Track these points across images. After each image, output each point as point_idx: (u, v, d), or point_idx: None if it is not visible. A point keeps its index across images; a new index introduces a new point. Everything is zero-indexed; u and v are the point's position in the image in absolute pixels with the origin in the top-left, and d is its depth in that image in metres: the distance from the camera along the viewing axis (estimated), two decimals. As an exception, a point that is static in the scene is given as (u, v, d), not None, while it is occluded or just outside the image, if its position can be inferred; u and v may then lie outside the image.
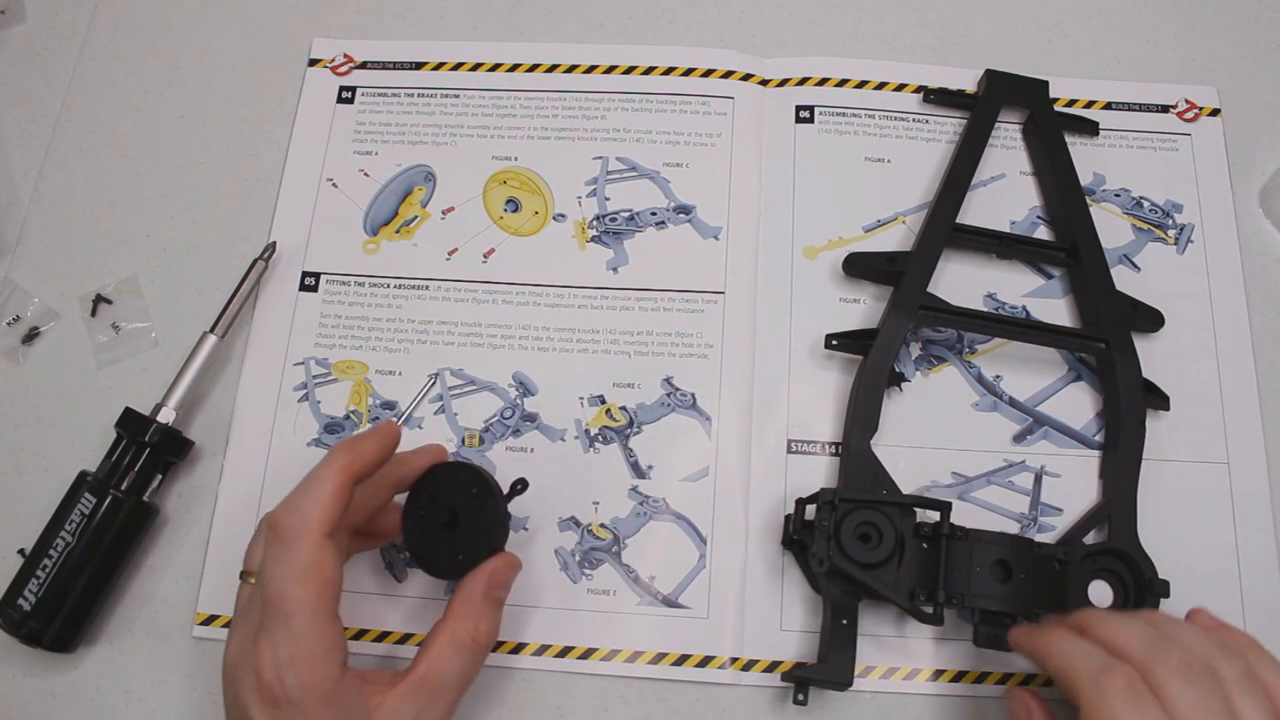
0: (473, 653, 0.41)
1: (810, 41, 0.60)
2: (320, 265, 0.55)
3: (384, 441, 0.41)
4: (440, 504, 0.43)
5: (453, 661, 0.40)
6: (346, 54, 0.60)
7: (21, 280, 0.55)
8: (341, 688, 0.38)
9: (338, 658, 0.38)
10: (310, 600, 0.37)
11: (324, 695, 0.37)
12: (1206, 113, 0.58)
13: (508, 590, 0.43)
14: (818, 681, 0.45)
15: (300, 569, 0.38)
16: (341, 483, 0.39)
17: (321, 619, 0.38)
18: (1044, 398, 0.52)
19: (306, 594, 0.37)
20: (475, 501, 0.43)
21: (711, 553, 0.49)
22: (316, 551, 0.38)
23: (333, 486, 0.39)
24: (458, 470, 0.44)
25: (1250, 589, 0.49)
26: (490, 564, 0.42)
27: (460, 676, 0.40)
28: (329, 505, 0.39)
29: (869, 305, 0.53)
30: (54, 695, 0.48)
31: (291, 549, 0.38)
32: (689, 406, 0.52)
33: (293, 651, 0.37)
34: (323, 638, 0.37)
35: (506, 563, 0.43)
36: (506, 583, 0.43)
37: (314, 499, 0.39)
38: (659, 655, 0.48)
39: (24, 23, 0.62)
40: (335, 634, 0.38)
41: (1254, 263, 0.55)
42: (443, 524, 0.43)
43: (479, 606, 0.41)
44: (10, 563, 0.48)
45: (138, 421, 0.49)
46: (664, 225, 0.55)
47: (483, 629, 0.41)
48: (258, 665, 0.37)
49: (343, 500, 0.39)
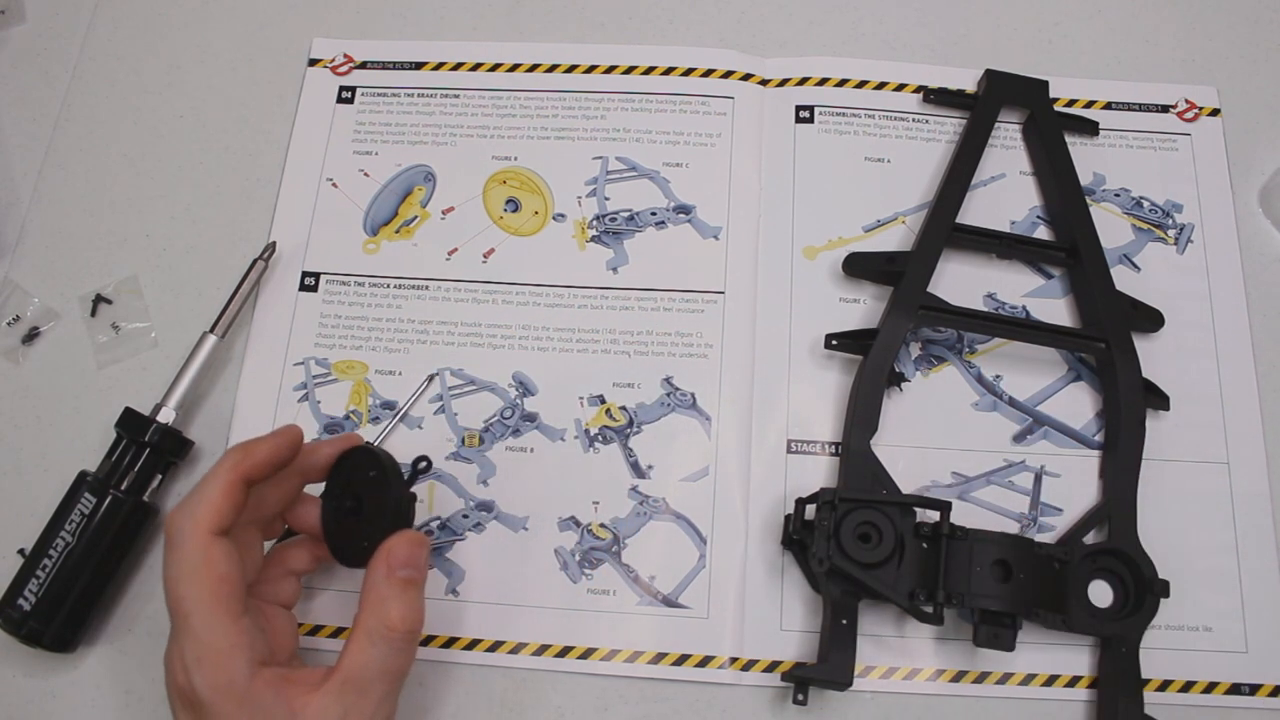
0: (389, 640, 0.38)
1: (810, 41, 0.60)
2: (320, 265, 0.55)
3: (279, 442, 0.41)
4: (347, 492, 0.43)
5: (370, 653, 0.38)
6: (346, 54, 0.60)
7: (21, 280, 0.55)
8: (255, 687, 0.37)
9: (244, 656, 0.37)
10: (205, 598, 0.37)
11: (234, 696, 0.37)
12: (1206, 113, 0.58)
13: (417, 569, 0.40)
14: (818, 681, 0.45)
15: (190, 567, 0.38)
16: (230, 481, 0.39)
17: (220, 616, 0.37)
18: (1044, 398, 0.52)
19: (200, 593, 0.37)
20: (375, 485, 0.42)
21: (711, 553, 0.49)
22: (204, 550, 0.38)
23: (221, 485, 0.39)
24: (361, 455, 0.43)
25: (1250, 589, 0.49)
26: (387, 544, 0.40)
27: (383, 667, 0.38)
28: (217, 504, 0.39)
29: (869, 305, 0.53)
30: (54, 695, 0.48)
31: (179, 549, 0.38)
32: (689, 406, 0.52)
33: (197, 652, 0.37)
34: (224, 635, 0.37)
35: (406, 539, 0.40)
36: (411, 561, 0.40)
37: (201, 498, 0.39)
38: (659, 655, 0.48)
39: (24, 23, 0.62)
40: (238, 631, 0.38)
41: (1254, 263, 0.55)
42: (349, 511, 0.43)
43: (384, 590, 0.39)
44: (10, 563, 0.48)
45: (138, 421, 0.49)
46: (664, 225, 0.55)
47: (393, 614, 0.38)
48: (172, 668, 0.38)
49: (232, 499, 0.39)
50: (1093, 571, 0.47)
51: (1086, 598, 0.47)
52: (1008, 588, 0.44)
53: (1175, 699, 0.47)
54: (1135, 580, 0.47)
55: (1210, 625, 0.48)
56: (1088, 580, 0.47)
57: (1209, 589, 0.49)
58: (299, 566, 0.45)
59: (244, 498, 0.40)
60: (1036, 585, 0.45)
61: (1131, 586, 0.47)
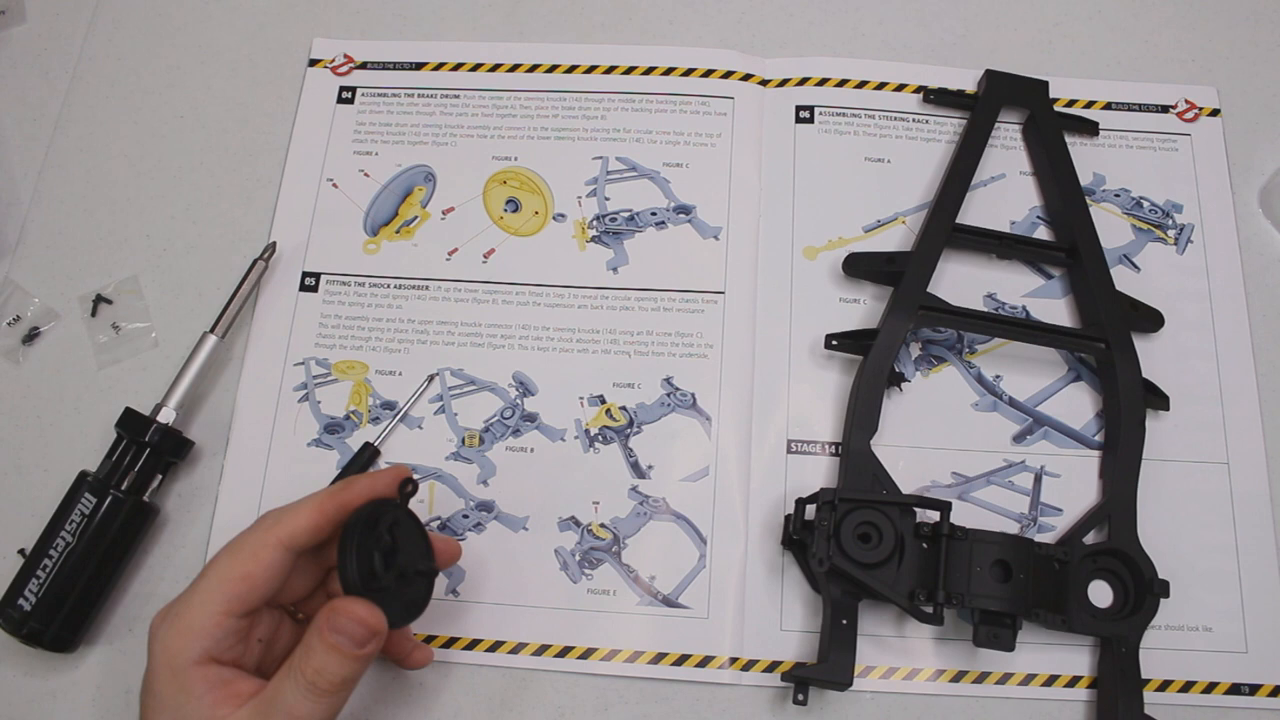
0: (297, 684, 0.37)
1: (810, 42, 0.60)
2: (320, 265, 0.55)
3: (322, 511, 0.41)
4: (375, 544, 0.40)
5: (285, 686, 0.37)
6: (346, 54, 0.60)
7: (21, 280, 0.55)
8: (192, 674, 0.37)
9: (203, 644, 0.38)
10: (222, 580, 0.39)
11: (172, 668, 0.37)
12: (1206, 113, 0.58)
13: (353, 642, 0.37)
14: (818, 681, 0.45)
15: (237, 549, 0.39)
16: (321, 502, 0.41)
17: (217, 600, 0.38)
18: (1044, 398, 0.52)
19: (226, 573, 0.39)
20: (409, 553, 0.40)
21: (711, 553, 0.49)
22: (259, 552, 0.39)
23: (312, 506, 0.40)
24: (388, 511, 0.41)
25: (1250, 589, 0.49)
26: (342, 604, 0.37)
27: (291, 705, 0.37)
28: (304, 524, 0.40)
29: (869, 305, 0.53)
30: (54, 695, 0.48)
31: (254, 533, 0.40)
32: (689, 406, 0.52)
33: (179, 610, 0.38)
34: (207, 617, 0.38)
35: (361, 613, 0.37)
36: (347, 632, 0.37)
37: (294, 513, 0.40)
38: (659, 655, 0.48)
39: (24, 23, 0.62)
40: (217, 623, 0.38)
41: (1254, 263, 0.55)
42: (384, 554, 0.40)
43: (313, 640, 0.37)
44: (10, 563, 0.48)
45: (138, 421, 0.49)
46: (664, 225, 0.55)
47: (310, 664, 0.37)
48: (164, 609, 0.40)
49: (319, 520, 0.40)
50: (1092, 572, 0.47)
51: (1086, 598, 0.47)
52: (1008, 588, 0.44)
53: (1175, 699, 0.47)
54: (1135, 580, 0.47)
55: (1210, 625, 0.48)
56: (1088, 580, 0.47)
57: (1209, 589, 0.49)
58: None
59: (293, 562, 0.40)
60: (1036, 585, 0.45)
61: (1131, 587, 0.47)
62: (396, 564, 0.39)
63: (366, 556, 0.38)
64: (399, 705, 0.47)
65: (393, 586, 0.39)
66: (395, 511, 0.40)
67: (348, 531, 0.38)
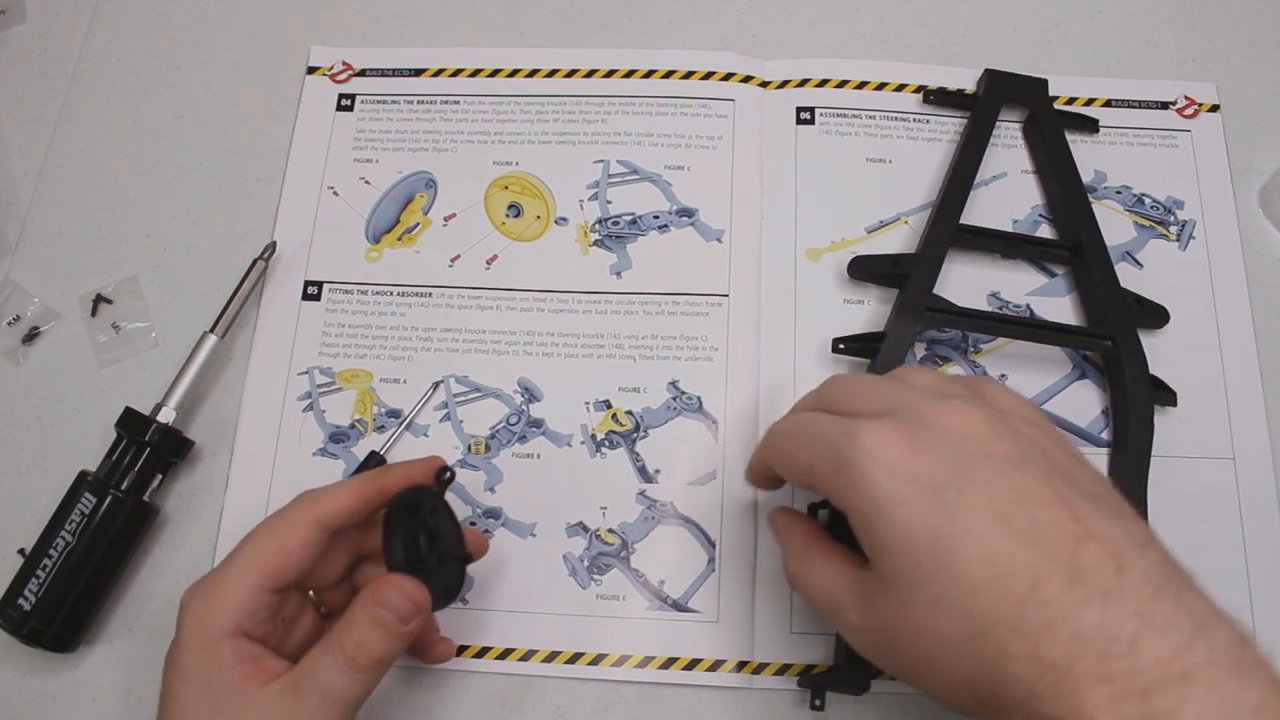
0: (335, 659, 0.37)
1: (810, 43, 0.60)
2: (322, 274, 0.55)
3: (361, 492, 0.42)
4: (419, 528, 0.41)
5: (320, 662, 0.37)
6: (345, 61, 0.60)
7: (21, 280, 0.55)
8: (222, 646, 0.37)
9: (233, 615, 0.38)
10: (259, 555, 0.39)
11: (202, 639, 0.37)
12: (1206, 108, 0.58)
13: (399, 618, 0.37)
14: (835, 686, 0.44)
15: (274, 526, 0.40)
16: (359, 483, 0.42)
17: (252, 575, 0.38)
18: (1049, 396, 0.52)
19: (263, 547, 0.39)
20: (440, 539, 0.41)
21: (720, 556, 0.49)
22: (298, 531, 0.40)
23: (351, 487, 0.41)
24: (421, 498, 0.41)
25: (1257, 584, 0.49)
26: (388, 579, 0.38)
27: (325, 680, 0.37)
28: (344, 505, 0.41)
29: (873, 307, 0.53)
30: (54, 695, 0.48)
31: (287, 512, 0.41)
32: (695, 410, 0.52)
33: (212, 583, 0.39)
34: (240, 590, 0.38)
35: (405, 588, 0.38)
36: (392, 606, 0.37)
37: (334, 494, 0.41)
38: (669, 660, 0.47)
39: (24, 23, 0.62)
40: (251, 597, 0.38)
41: (1255, 260, 0.55)
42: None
43: (356, 615, 0.37)
44: (10, 563, 0.47)
45: (138, 421, 0.48)
46: (666, 228, 0.55)
47: (350, 638, 0.37)
48: (197, 583, 0.39)
49: (357, 501, 0.41)
50: (1102, 570, 0.47)
51: (1096, 596, 0.47)
52: (1019, 587, 0.44)
53: (1186, 696, 0.47)
54: (1145, 578, 0.47)
55: (1220, 621, 0.48)
56: (1097, 578, 0.47)
57: (1216, 585, 0.48)
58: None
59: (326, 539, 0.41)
60: (1047, 584, 0.45)
61: (1141, 584, 0.47)
62: (438, 547, 0.40)
63: (413, 537, 0.39)
64: (399, 707, 0.47)
65: (435, 569, 0.39)
66: (434, 498, 0.41)
67: (393, 512, 0.39)
